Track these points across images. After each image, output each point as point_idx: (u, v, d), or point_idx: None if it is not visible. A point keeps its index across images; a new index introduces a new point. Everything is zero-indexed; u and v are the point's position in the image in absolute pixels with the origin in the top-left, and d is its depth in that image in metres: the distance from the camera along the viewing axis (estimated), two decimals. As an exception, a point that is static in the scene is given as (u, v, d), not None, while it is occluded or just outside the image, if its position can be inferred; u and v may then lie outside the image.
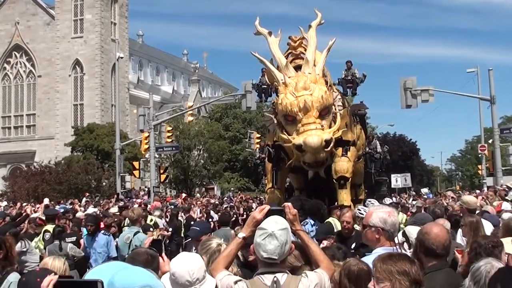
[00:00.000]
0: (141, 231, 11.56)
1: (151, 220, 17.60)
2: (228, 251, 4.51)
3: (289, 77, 12.98)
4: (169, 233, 17.57)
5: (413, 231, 6.14)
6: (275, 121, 14.28)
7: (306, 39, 14.03)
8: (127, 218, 17.72)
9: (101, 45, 73.94)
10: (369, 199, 15.11)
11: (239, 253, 5.17)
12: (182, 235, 17.69)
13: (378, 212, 5.09)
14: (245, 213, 26.43)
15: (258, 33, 14.14)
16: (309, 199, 12.72)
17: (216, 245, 5.24)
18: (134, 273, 2.68)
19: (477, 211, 10.32)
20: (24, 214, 17.88)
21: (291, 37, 15.02)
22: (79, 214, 18.91)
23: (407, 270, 3.53)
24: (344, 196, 14.51)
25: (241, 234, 4.50)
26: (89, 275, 2.65)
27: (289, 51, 15.09)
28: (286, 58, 14.23)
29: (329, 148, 12.42)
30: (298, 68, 13.62)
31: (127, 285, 2.50)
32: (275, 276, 4.11)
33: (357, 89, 19.25)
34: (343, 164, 14.55)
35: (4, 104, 78.24)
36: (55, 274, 2.74)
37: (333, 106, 13.40)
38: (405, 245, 6.32)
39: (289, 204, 4.69)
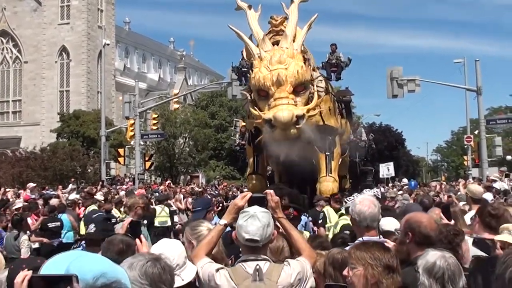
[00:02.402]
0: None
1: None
2: (209, 238, 4.43)
3: (265, 51, 12.41)
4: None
5: (385, 223, 6.02)
6: (249, 98, 13.73)
7: (287, 16, 13.41)
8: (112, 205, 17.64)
9: (87, 31, 73.45)
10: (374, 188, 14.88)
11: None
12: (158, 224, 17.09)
13: (357, 204, 5.16)
14: (230, 201, 26.27)
15: (239, 8, 13.56)
16: (287, 187, 12.27)
17: (206, 230, 5.03)
18: (89, 261, 2.49)
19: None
20: (5, 198, 17.74)
21: (273, 16, 14.48)
22: (53, 201, 18.63)
23: (380, 256, 3.60)
24: (330, 186, 14.15)
25: (223, 221, 4.48)
26: (45, 267, 2.50)
27: (270, 29, 14.54)
28: (267, 36, 13.62)
29: (300, 125, 11.65)
30: (277, 44, 13.04)
31: (79, 274, 2.33)
32: (257, 264, 4.04)
33: (341, 73, 18.57)
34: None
35: (-11, 89, 77.61)
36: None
37: (311, 85, 12.72)
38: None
39: (271, 191, 4.59)
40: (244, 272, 4.04)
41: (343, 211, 11.49)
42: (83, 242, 7.24)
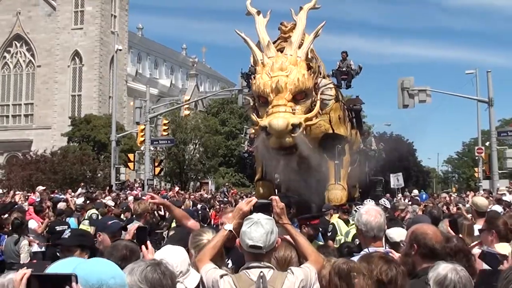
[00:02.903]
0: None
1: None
2: (214, 243, 4.47)
3: (269, 58, 12.08)
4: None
5: (393, 233, 6.03)
6: (251, 104, 13.49)
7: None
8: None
9: (100, 37, 73.84)
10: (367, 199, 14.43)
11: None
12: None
13: (363, 214, 5.15)
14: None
15: (249, 13, 13.24)
16: (295, 196, 11.96)
17: (207, 240, 4.99)
18: (95, 266, 2.57)
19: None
20: (13, 201, 17.74)
21: (283, 22, 14.20)
22: (61, 205, 18.69)
23: (374, 268, 3.75)
24: (338, 194, 13.92)
25: (228, 226, 4.50)
26: (50, 269, 2.56)
27: (280, 35, 14.34)
28: (275, 43, 13.42)
29: (296, 134, 11.20)
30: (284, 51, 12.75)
31: (85, 278, 2.39)
32: (261, 271, 4.03)
33: (352, 81, 18.23)
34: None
35: (3, 92, 78.13)
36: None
37: (314, 93, 12.25)
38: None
39: (276, 197, 4.62)
40: (248, 279, 4.03)
41: (351, 221, 11.40)
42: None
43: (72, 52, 74.34)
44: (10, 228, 12.75)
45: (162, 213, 17.18)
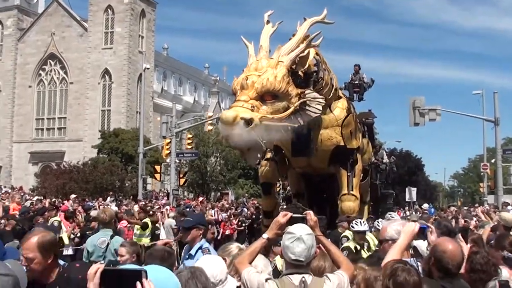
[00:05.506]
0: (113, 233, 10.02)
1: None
2: (252, 249, 4.62)
3: (257, 60, 10.94)
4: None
5: (422, 245, 6.07)
6: None
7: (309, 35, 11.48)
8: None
9: (129, 56, 74.31)
10: (389, 213, 13.57)
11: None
12: None
13: (392, 226, 5.22)
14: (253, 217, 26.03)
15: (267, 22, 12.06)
16: (305, 208, 11.50)
17: (236, 249, 5.19)
18: (166, 272, 2.63)
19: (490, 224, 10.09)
20: (42, 207, 18.02)
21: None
22: (93, 212, 19.01)
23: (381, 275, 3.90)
24: (351, 205, 13.26)
25: (266, 235, 4.64)
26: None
27: None
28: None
29: (247, 129, 9.66)
30: None
31: (159, 282, 2.41)
32: (303, 277, 4.18)
33: (364, 94, 17.80)
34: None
35: (38, 107, 78.85)
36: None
37: (293, 99, 10.66)
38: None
39: (310, 211, 4.77)
40: (291, 283, 4.17)
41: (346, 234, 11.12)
42: None
43: (102, 70, 74.89)
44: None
45: None
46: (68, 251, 15.07)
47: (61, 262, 6.01)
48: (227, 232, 24.80)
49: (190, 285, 3.32)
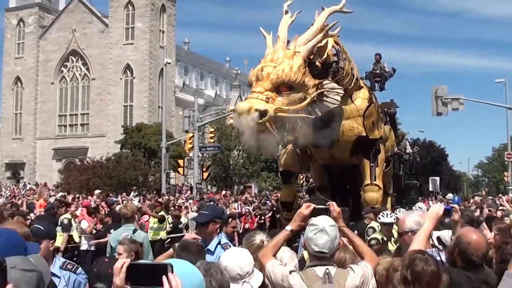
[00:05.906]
0: (138, 228, 10.03)
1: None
2: (276, 241, 4.60)
3: (273, 51, 10.69)
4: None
5: (445, 235, 6.00)
6: None
7: (327, 24, 11.14)
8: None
9: (150, 51, 74.73)
10: (417, 204, 13.62)
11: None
12: None
13: (411, 217, 5.15)
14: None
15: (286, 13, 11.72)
16: (328, 199, 11.36)
17: (259, 241, 5.16)
18: (189, 268, 2.62)
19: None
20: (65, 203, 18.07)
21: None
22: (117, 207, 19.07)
23: (399, 265, 3.87)
24: (374, 196, 12.94)
25: (289, 227, 4.62)
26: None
27: None
28: None
29: (261, 121, 9.45)
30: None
31: (184, 276, 2.40)
32: (327, 268, 4.16)
33: (385, 83, 17.51)
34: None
35: (61, 104, 79.74)
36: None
37: (310, 90, 10.45)
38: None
39: (333, 202, 4.75)
40: (315, 275, 4.16)
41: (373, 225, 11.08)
42: None
43: (124, 66, 75.45)
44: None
45: None
46: (90, 247, 14.97)
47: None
48: (247, 226, 24.79)
49: (205, 282, 3.28)
